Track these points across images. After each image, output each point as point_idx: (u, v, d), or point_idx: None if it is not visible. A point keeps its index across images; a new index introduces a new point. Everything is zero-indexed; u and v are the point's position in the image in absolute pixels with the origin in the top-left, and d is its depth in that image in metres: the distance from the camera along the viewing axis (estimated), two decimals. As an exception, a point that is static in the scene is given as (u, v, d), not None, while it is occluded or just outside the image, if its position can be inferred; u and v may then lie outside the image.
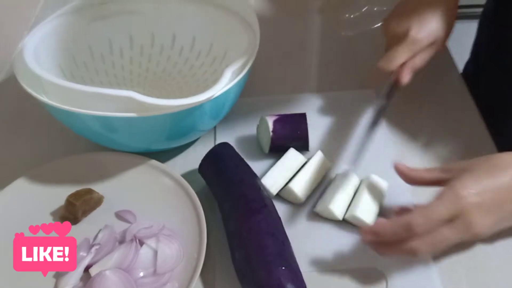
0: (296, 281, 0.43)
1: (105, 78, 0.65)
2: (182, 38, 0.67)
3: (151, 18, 0.66)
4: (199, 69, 0.66)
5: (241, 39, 0.58)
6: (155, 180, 0.54)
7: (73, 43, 0.62)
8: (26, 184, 0.54)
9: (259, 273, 0.43)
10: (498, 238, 0.48)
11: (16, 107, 0.67)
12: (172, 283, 0.46)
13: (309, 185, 0.53)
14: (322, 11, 0.83)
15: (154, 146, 0.57)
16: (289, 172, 0.54)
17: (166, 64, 0.68)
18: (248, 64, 0.53)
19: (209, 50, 0.66)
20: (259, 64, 0.56)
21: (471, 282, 0.47)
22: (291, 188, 0.52)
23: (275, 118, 0.56)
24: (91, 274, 0.46)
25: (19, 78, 0.51)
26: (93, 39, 0.64)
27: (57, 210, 0.53)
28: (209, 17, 0.64)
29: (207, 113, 0.53)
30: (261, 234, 0.45)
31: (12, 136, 0.64)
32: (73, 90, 0.48)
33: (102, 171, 0.56)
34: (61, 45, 0.61)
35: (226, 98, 0.52)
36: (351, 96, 0.65)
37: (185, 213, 0.51)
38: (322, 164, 0.55)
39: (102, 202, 0.54)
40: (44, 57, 0.57)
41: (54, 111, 0.50)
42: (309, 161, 0.55)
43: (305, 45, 0.77)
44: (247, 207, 0.48)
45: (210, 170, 0.53)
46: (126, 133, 0.52)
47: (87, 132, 0.54)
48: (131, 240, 0.48)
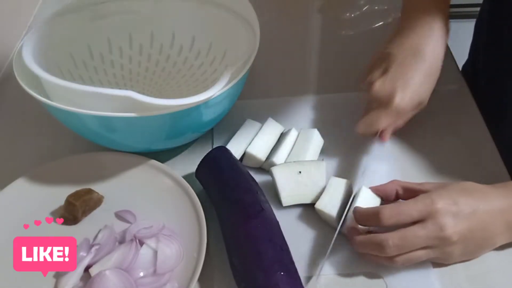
0: (294, 286, 0.43)
1: (104, 78, 0.65)
2: (181, 38, 0.67)
3: (150, 18, 0.66)
4: (199, 69, 0.66)
5: (241, 39, 0.58)
6: (155, 180, 0.54)
7: (72, 42, 0.62)
8: (26, 184, 0.54)
9: (257, 279, 0.43)
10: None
11: (16, 107, 0.67)
12: (172, 283, 0.46)
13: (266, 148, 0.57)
14: (322, 11, 0.83)
15: (154, 146, 0.57)
16: (270, 140, 0.58)
17: (165, 64, 0.68)
18: (248, 64, 0.53)
19: (209, 50, 0.66)
20: (258, 64, 0.57)
21: (471, 286, 0.46)
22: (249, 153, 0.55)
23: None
24: (91, 274, 0.46)
25: (19, 77, 0.50)
26: (92, 38, 0.64)
27: (57, 210, 0.53)
28: (208, 17, 0.64)
29: (206, 114, 0.53)
30: (258, 239, 0.45)
31: (12, 136, 0.64)
32: (71, 89, 0.48)
33: (102, 171, 0.55)
34: (60, 44, 0.61)
35: (225, 98, 0.52)
36: (351, 97, 0.65)
37: (185, 213, 0.51)
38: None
39: (102, 202, 0.54)
40: (43, 56, 0.57)
41: (54, 111, 0.50)
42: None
43: (305, 45, 0.77)
44: (244, 212, 0.47)
45: (206, 174, 0.53)
46: (125, 133, 0.52)
47: (86, 131, 0.54)
48: (131, 240, 0.48)
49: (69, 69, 0.62)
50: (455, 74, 0.68)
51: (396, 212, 0.44)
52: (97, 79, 0.64)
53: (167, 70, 0.68)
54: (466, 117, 0.62)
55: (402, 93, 0.52)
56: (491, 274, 0.47)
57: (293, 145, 0.57)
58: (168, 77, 0.67)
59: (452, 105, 0.64)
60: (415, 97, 0.53)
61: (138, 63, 0.68)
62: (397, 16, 0.78)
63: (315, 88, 0.68)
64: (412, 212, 0.44)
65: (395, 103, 0.52)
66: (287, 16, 0.82)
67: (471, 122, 0.61)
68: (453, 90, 0.66)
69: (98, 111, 0.47)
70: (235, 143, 0.58)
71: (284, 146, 0.57)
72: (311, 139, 0.57)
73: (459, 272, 0.47)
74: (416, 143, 0.59)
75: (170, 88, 0.66)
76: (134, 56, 0.67)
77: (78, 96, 0.48)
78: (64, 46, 0.61)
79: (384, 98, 0.53)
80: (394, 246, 0.43)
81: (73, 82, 0.60)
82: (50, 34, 0.59)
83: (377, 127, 0.54)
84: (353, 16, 0.81)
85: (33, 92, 0.49)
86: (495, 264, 0.48)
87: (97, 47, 0.65)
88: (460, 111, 0.63)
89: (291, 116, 0.63)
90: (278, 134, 0.59)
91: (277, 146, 0.57)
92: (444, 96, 0.64)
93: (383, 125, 0.54)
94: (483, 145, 0.58)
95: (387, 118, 0.53)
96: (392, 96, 0.52)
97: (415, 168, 0.56)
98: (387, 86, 0.53)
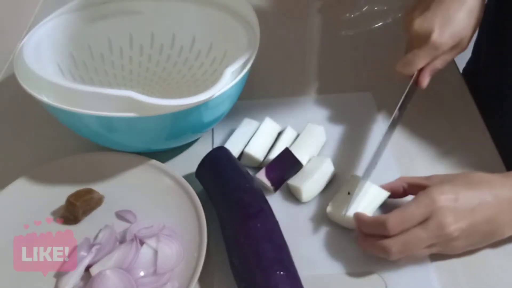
0: (294, 286, 0.43)
1: (104, 78, 0.65)
2: (181, 38, 0.67)
3: (150, 18, 0.66)
4: (199, 69, 0.66)
5: (241, 39, 0.58)
6: (155, 180, 0.54)
7: (73, 42, 0.62)
8: (27, 184, 0.54)
9: (257, 278, 0.43)
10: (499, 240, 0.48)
11: (16, 107, 0.67)
12: (173, 283, 0.46)
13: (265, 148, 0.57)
14: (322, 11, 0.83)
15: (154, 146, 0.57)
16: (268, 140, 0.58)
17: (165, 64, 0.68)
18: (248, 64, 0.53)
19: (209, 50, 0.66)
20: (259, 64, 0.57)
21: (471, 286, 0.46)
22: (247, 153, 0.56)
23: (265, 172, 0.54)
24: (91, 274, 0.46)
25: (19, 77, 0.51)
26: (93, 39, 0.64)
27: (58, 210, 0.53)
28: (209, 17, 0.64)
29: (207, 114, 0.53)
30: (258, 239, 0.45)
31: (12, 136, 0.64)
32: (71, 89, 0.48)
33: (102, 171, 0.55)
34: (60, 44, 0.61)
35: (225, 98, 0.52)
36: (350, 98, 0.65)
37: (185, 213, 0.51)
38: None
39: (102, 202, 0.54)
40: (44, 56, 0.57)
41: (54, 111, 0.50)
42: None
43: (305, 45, 0.77)
44: (244, 212, 0.47)
45: (206, 175, 0.53)
46: (125, 133, 0.52)
47: (86, 131, 0.54)
48: (132, 240, 0.48)
49: (70, 69, 0.62)
50: (455, 74, 0.68)
51: (400, 220, 0.44)
52: (98, 79, 0.64)
53: (168, 70, 0.68)
54: (465, 117, 0.62)
55: (441, 29, 0.51)
56: (490, 272, 0.47)
57: (292, 142, 0.58)
58: (168, 78, 0.67)
59: (452, 105, 0.64)
60: (455, 33, 0.51)
61: (138, 63, 0.68)
62: (397, 17, 0.78)
63: (315, 88, 0.68)
64: (416, 216, 0.43)
65: (433, 38, 0.51)
66: (287, 16, 0.82)
67: (470, 122, 0.61)
68: (453, 90, 0.66)
69: (98, 111, 0.47)
70: (233, 142, 0.58)
71: (281, 145, 0.57)
72: (315, 135, 0.58)
73: (459, 271, 0.47)
74: (415, 143, 0.59)
75: (171, 88, 0.66)
76: (135, 56, 0.68)
77: (78, 96, 0.48)
78: (64, 46, 0.61)
79: (422, 35, 0.52)
80: (397, 251, 0.44)
81: (74, 82, 0.60)
82: (51, 34, 0.59)
83: (415, 66, 0.53)
84: (353, 16, 0.81)
85: (34, 92, 0.49)
86: (494, 263, 0.48)
87: (97, 47, 0.65)
88: (460, 111, 0.63)
89: (290, 116, 0.63)
90: (275, 134, 0.60)
91: (274, 145, 0.58)
92: (444, 96, 0.64)
93: (421, 63, 0.53)
94: (483, 145, 0.58)
95: (425, 56, 0.52)
96: (430, 32, 0.51)
97: (415, 167, 0.56)
98: (426, 23, 0.52)
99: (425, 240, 0.44)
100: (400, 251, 0.44)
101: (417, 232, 0.43)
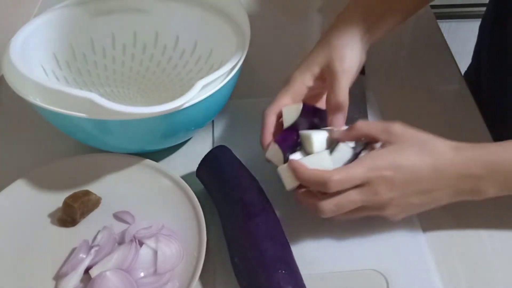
0: (296, 284, 0.43)
1: (88, 79, 0.64)
2: (165, 37, 0.66)
3: (133, 17, 0.65)
4: (184, 68, 0.66)
5: (227, 38, 0.58)
6: (153, 180, 0.54)
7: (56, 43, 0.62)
8: (24, 186, 0.54)
9: (258, 277, 0.43)
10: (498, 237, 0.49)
11: (12, 108, 0.67)
12: (173, 283, 0.46)
13: None
14: (322, 11, 0.83)
15: (147, 147, 0.57)
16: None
17: (149, 63, 0.67)
18: (234, 70, 0.52)
19: (193, 49, 0.65)
20: (259, 63, 0.56)
21: (471, 282, 0.47)
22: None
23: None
24: (91, 276, 0.46)
25: (6, 76, 0.50)
26: (75, 38, 0.64)
27: (55, 212, 0.52)
28: (192, 16, 0.64)
29: (189, 119, 0.52)
30: (259, 238, 0.45)
31: (9, 138, 0.64)
32: (42, 86, 0.48)
33: (99, 173, 0.55)
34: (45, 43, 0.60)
35: (209, 103, 0.52)
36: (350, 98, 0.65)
37: (184, 213, 0.51)
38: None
39: (100, 203, 0.53)
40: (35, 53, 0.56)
41: (40, 111, 0.50)
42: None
43: (305, 45, 0.77)
44: (245, 211, 0.47)
45: (207, 174, 0.53)
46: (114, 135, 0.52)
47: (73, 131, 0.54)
48: (131, 241, 0.48)
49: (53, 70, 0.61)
50: (455, 74, 0.68)
51: (342, 182, 0.43)
52: (81, 80, 0.64)
53: (152, 69, 0.67)
54: (466, 118, 0.62)
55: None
56: (491, 270, 0.47)
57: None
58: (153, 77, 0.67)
59: (452, 106, 0.64)
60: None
61: (122, 62, 0.67)
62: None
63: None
64: (356, 181, 0.44)
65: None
66: (287, 16, 0.82)
67: (472, 123, 0.61)
68: (453, 91, 0.65)
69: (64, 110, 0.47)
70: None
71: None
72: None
73: (459, 268, 0.47)
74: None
75: (155, 87, 0.66)
76: (118, 56, 0.67)
77: (48, 94, 0.48)
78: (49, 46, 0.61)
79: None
80: (330, 211, 0.44)
81: (58, 83, 0.59)
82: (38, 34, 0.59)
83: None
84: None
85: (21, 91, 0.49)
86: (495, 261, 0.48)
87: (80, 47, 0.64)
88: (461, 111, 0.63)
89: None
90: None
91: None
92: (444, 97, 0.64)
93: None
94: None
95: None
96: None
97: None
98: None
99: (358, 204, 0.44)
100: (332, 211, 0.44)
101: (352, 195, 0.44)
